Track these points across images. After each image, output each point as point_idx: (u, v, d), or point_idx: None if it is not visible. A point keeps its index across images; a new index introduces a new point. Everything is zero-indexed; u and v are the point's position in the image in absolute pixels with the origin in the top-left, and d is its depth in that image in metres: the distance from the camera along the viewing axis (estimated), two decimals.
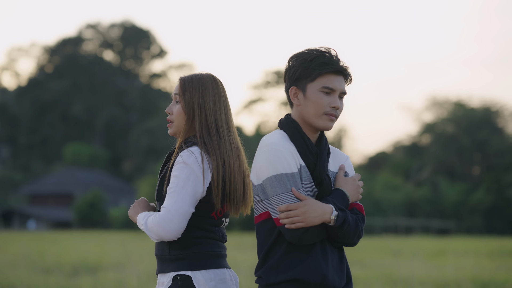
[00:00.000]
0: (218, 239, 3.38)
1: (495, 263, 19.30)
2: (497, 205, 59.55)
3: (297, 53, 3.21)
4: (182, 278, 3.29)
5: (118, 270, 15.25)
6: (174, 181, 3.27)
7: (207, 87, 3.41)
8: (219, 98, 3.42)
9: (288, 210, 3.05)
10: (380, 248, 28.02)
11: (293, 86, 3.20)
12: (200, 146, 3.31)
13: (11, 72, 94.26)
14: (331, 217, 3.06)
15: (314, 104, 3.15)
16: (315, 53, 3.16)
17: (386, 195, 60.02)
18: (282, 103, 78.42)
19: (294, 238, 3.06)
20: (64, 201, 72.36)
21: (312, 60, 3.15)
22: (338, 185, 3.20)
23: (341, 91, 3.18)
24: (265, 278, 3.13)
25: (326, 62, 3.15)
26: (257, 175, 3.15)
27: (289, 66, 3.22)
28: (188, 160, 3.27)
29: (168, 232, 3.23)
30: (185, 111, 3.39)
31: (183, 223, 3.24)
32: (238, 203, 3.40)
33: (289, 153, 3.11)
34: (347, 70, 3.19)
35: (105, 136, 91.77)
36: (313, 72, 3.15)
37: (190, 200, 3.25)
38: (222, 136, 3.37)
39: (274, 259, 3.13)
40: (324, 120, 3.17)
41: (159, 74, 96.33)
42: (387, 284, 13.36)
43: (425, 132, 78.13)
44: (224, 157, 3.33)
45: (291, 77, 3.20)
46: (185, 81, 3.42)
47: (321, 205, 3.07)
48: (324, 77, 3.15)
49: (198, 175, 3.27)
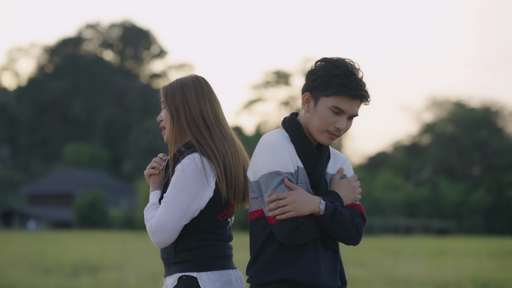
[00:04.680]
0: (224, 239, 3.37)
1: (495, 263, 19.30)
2: (497, 205, 59.54)
3: (326, 59, 3.14)
4: (187, 279, 3.29)
5: (118, 270, 15.25)
6: (169, 189, 3.28)
7: (187, 85, 3.41)
8: (202, 92, 3.40)
9: (278, 199, 3.04)
10: (380, 248, 28.01)
11: (308, 92, 3.17)
12: (198, 150, 3.30)
13: (11, 72, 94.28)
14: (319, 206, 3.04)
15: (320, 119, 3.12)
16: (339, 70, 3.09)
17: (386, 195, 60.01)
18: (282, 103, 78.46)
19: (285, 236, 3.04)
20: (64, 201, 72.34)
21: (334, 76, 3.09)
22: (333, 187, 3.19)
23: (352, 114, 3.15)
24: (256, 277, 3.12)
25: (346, 84, 3.08)
26: (254, 172, 3.14)
27: (313, 70, 3.16)
28: (187, 169, 3.26)
29: (158, 241, 3.28)
30: (169, 113, 3.40)
31: (173, 236, 3.27)
32: (239, 193, 3.38)
33: (287, 153, 3.10)
34: (364, 95, 3.13)
35: (105, 136, 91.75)
36: (329, 88, 3.10)
37: (180, 213, 3.24)
38: (211, 127, 3.35)
39: (265, 258, 3.12)
40: (325, 137, 3.14)
41: (159, 74, 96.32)
42: (387, 284, 13.36)
43: (425, 132, 78.13)
44: (222, 151, 3.32)
45: (309, 83, 3.16)
46: (166, 88, 3.44)
47: (310, 195, 3.06)
48: (338, 97, 3.10)
49: (199, 182, 3.26)
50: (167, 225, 3.24)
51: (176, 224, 3.24)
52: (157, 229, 3.25)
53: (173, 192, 3.25)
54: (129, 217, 62.29)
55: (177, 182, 3.26)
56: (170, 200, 3.25)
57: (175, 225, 3.25)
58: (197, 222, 3.30)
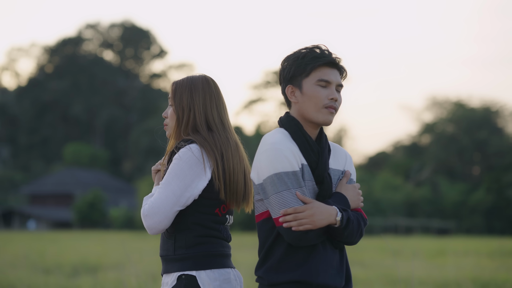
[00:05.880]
0: (223, 238, 3.38)
1: (495, 263, 19.30)
2: (497, 205, 59.54)
3: (288, 54, 3.23)
4: (187, 278, 3.29)
5: (118, 270, 15.25)
6: (165, 177, 3.32)
7: (196, 87, 3.43)
8: (210, 96, 3.43)
9: (296, 212, 3.04)
10: (380, 248, 28.02)
11: (289, 85, 3.20)
12: (198, 142, 3.33)
13: (11, 72, 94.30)
14: (336, 219, 3.06)
15: (312, 98, 3.15)
16: (305, 50, 3.18)
17: (386, 195, 60.01)
18: (282, 103, 78.37)
19: (293, 239, 3.05)
20: (64, 201, 72.35)
21: (304, 57, 3.16)
22: (339, 190, 3.20)
23: (337, 84, 3.18)
24: (266, 278, 3.12)
25: (318, 56, 3.15)
26: (258, 174, 3.13)
27: (283, 67, 3.23)
28: (184, 156, 3.30)
29: (150, 225, 3.29)
30: (175, 113, 3.43)
31: (165, 220, 3.27)
32: (239, 198, 3.40)
33: (290, 152, 3.10)
34: (340, 63, 3.19)
35: (105, 136, 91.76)
36: (306, 67, 3.15)
37: (174, 198, 3.27)
38: (216, 131, 3.38)
39: (274, 259, 3.12)
40: (324, 113, 3.16)
41: (159, 74, 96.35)
42: (387, 284, 13.35)
43: (425, 132, 78.12)
44: (222, 150, 3.34)
45: (286, 77, 3.20)
46: (176, 85, 3.47)
47: (326, 207, 3.06)
48: (318, 71, 3.15)
49: (194, 170, 3.29)
50: (159, 209, 3.26)
51: (169, 209, 3.27)
52: (149, 213, 3.27)
53: (168, 178, 3.29)
54: (129, 217, 62.29)
55: (173, 169, 3.29)
56: (164, 186, 3.29)
57: (167, 210, 3.26)
58: (195, 214, 3.31)
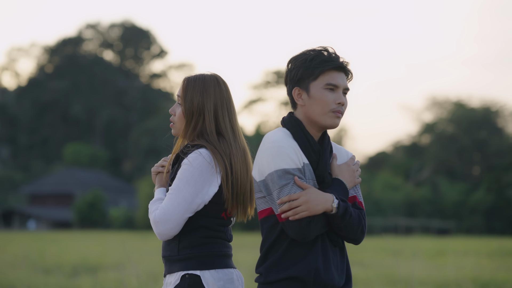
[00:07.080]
0: (226, 239, 3.39)
1: (495, 263, 19.30)
2: (497, 205, 59.56)
3: (295, 55, 3.22)
4: (190, 277, 3.29)
5: (118, 270, 15.25)
6: (175, 182, 3.28)
7: (208, 91, 3.39)
8: (221, 102, 3.40)
9: (290, 200, 3.04)
10: (380, 248, 28.01)
11: (296, 87, 3.20)
12: (207, 147, 3.30)
13: (11, 72, 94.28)
14: (332, 205, 3.06)
15: (320, 102, 3.16)
16: (313, 53, 3.18)
17: (386, 195, 60.03)
18: (282, 103, 78.42)
19: (297, 233, 3.05)
20: (64, 201, 72.34)
21: (312, 59, 3.16)
22: (334, 174, 3.20)
23: (344, 87, 3.20)
24: (265, 275, 3.14)
25: (327, 59, 3.16)
26: (259, 171, 3.14)
27: (290, 69, 3.22)
28: (195, 162, 3.27)
29: (161, 232, 3.27)
30: (185, 115, 3.39)
31: (177, 227, 3.26)
32: (246, 206, 3.41)
33: (292, 150, 3.11)
34: (347, 66, 3.21)
35: (105, 136, 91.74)
36: (314, 70, 3.15)
37: (185, 205, 3.25)
38: (227, 138, 3.36)
39: (275, 256, 3.13)
40: (331, 117, 3.17)
41: (159, 74, 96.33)
42: (387, 284, 13.36)
43: (425, 132, 78.10)
44: (231, 158, 3.33)
45: (293, 79, 3.20)
46: (188, 83, 3.41)
47: (322, 193, 3.07)
48: (326, 74, 3.16)
49: (205, 177, 3.27)
50: (171, 216, 3.24)
51: (180, 215, 3.25)
52: (161, 219, 3.25)
53: (179, 184, 3.26)
54: (129, 217, 62.29)
55: (184, 175, 3.27)
56: (175, 192, 3.26)
57: (179, 217, 3.25)
58: (201, 218, 3.31)
